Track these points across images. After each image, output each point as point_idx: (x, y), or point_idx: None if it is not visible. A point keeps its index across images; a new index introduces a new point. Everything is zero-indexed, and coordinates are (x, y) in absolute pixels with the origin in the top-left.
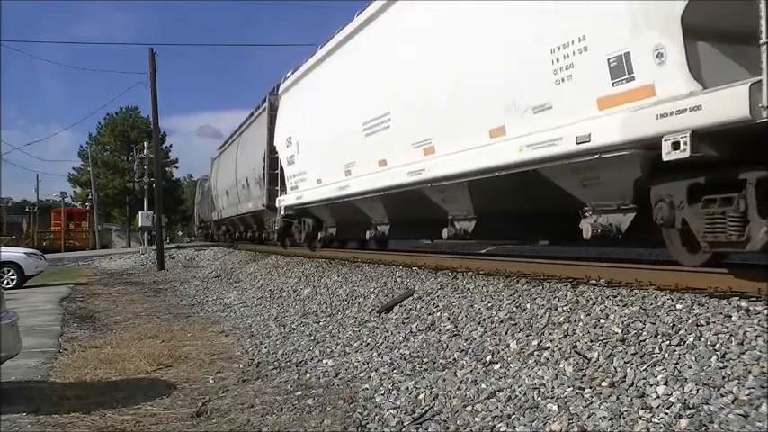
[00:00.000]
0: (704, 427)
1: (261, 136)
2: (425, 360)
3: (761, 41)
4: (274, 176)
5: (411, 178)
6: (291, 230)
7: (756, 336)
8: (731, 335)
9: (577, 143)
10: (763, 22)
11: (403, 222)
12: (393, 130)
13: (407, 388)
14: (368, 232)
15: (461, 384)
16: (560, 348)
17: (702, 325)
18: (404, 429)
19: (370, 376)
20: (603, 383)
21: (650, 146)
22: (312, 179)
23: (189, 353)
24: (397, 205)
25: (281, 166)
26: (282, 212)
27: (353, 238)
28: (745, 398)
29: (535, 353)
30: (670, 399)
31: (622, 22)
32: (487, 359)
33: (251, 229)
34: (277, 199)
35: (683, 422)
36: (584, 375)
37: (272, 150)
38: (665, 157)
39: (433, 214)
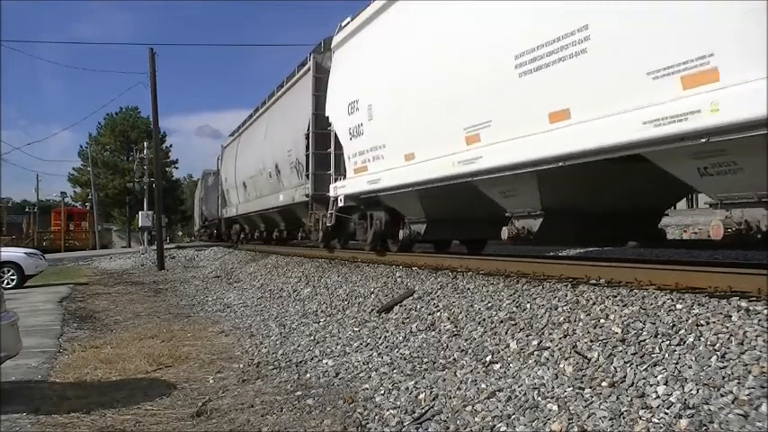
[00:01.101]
0: (704, 427)
1: (301, 107)
2: (425, 360)
3: None
4: (324, 158)
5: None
6: (349, 228)
7: (756, 336)
8: (731, 335)
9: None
10: None
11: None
12: (594, 55)
13: (407, 388)
14: (505, 229)
15: (461, 384)
16: (560, 348)
17: (702, 325)
18: (404, 429)
19: (370, 376)
20: (603, 383)
21: None
22: (395, 155)
23: (189, 353)
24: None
25: (337, 143)
26: (341, 203)
27: (461, 238)
28: (745, 398)
29: (535, 353)
30: (670, 399)
31: None
32: (487, 359)
33: (277, 228)
34: (331, 186)
35: (683, 422)
36: (584, 375)
37: (320, 124)
38: None
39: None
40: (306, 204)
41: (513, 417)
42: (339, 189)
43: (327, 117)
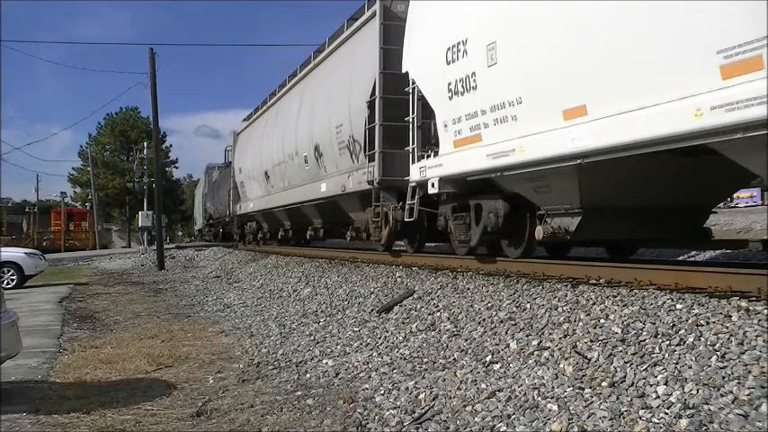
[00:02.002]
0: (704, 427)
1: (360, 68)
2: (425, 360)
3: None
4: (396, 131)
5: None
6: (434, 224)
7: (756, 336)
8: (731, 335)
9: None
10: None
11: None
12: None
13: (407, 388)
14: None
15: (461, 384)
16: (560, 348)
17: (702, 325)
18: (404, 429)
19: (370, 376)
20: (603, 383)
21: None
22: (544, 112)
23: (189, 353)
24: None
25: (421, 110)
26: (434, 189)
27: (639, 237)
28: (745, 398)
29: (535, 353)
30: (670, 399)
31: None
32: (487, 359)
33: (311, 227)
34: (413, 168)
35: (683, 422)
36: (584, 375)
37: (390, 86)
38: None
39: None
40: (362, 195)
41: (513, 417)
42: (430, 170)
43: (406, 73)
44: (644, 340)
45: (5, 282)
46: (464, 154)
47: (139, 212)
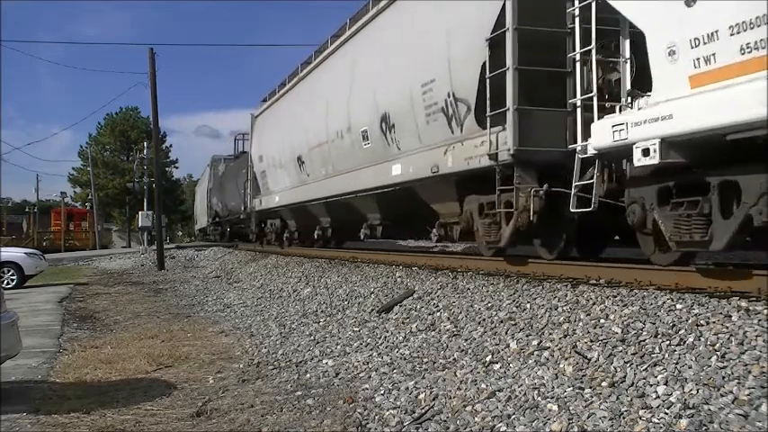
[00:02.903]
0: (704, 427)
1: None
2: (425, 360)
3: None
4: (535, 82)
5: None
6: (633, 217)
7: (756, 336)
8: (731, 335)
9: None
10: None
11: None
12: None
13: (407, 388)
14: None
15: (461, 384)
16: (560, 348)
17: (702, 325)
18: (404, 429)
19: (370, 376)
20: (603, 383)
21: None
22: None
23: (189, 353)
24: None
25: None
26: (652, 156)
27: None
28: (745, 398)
29: (535, 353)
30: (670, 399)
31: None
32: (487, 359)
33: (365, 223)
34: (600, 127)
35: (683, 422)
36: (584, 375)
37: (524, 14)
38: None
39: None
40: (462, 179)
41: (513, 417)
42: (638, 128)
43: None
44: (644, 340)
45: (5, 282)
46: (721, 95)
47: (139, 212)
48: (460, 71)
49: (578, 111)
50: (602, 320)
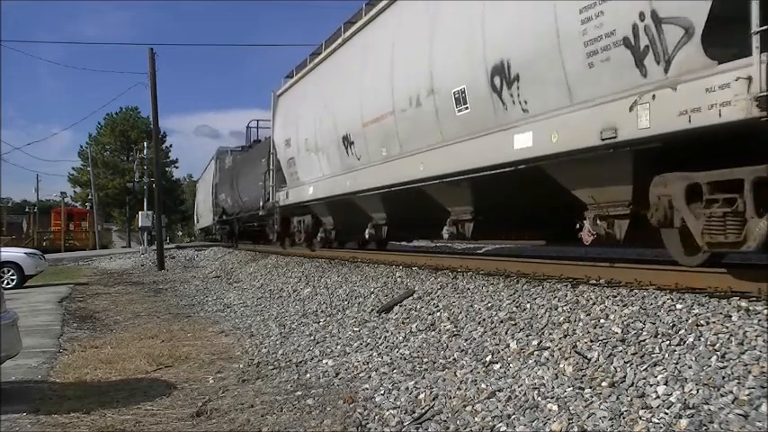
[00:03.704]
0: (704, 427)
1: None
2: (425, 360)
3: None
4: None
5: None
6: None
7: (756, 336)
8: (731, 335)
9: None
10: None
11: None
12: None
13: (407, 388)
14: None
15: (461, 384)
16: (560, 348)
17: (702, 325)
18: (404, 429)
19: (370, 376)
20: (603, 383)
21: None
22: None
23: (189, 353)
24: None
25: None
26: None
27: None
28: (745, 398)
29: (535, 353)
30: (670, 399)
31: None
32: (487, 359)
33: (449, 218)
34: None
35: (683, 422)
36: (584, 375)
37: None
38: None
39: None
40: (643, 153)
41: (513, 417)
42: None
43: None
44: (644, 340)
45: (5, 282)
46: None
47: (139, 212)
48: None
49: None
50: (602, 320)
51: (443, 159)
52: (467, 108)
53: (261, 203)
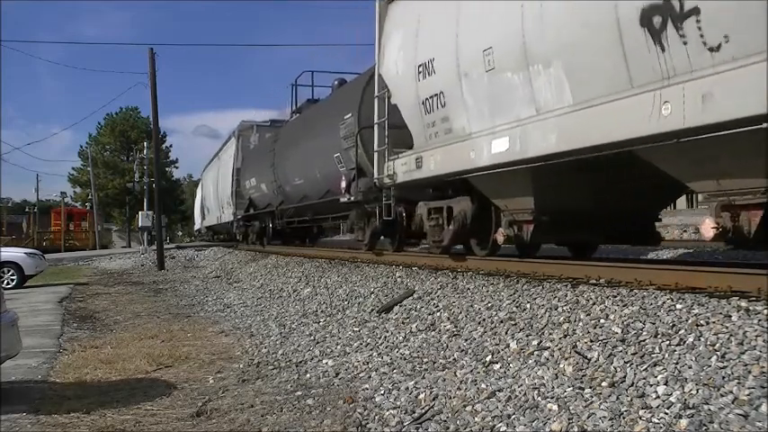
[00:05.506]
0: (704, 427)
1: None
2: (425, 360)
3: None
4: None
5: None
6: None
7: (756, 336)
8: (731, 335)
9: None
10: None
11: None
12: None
13: (407, 388)
14: None
15: (461, 384)
16: (560, 348)
17: (702, 325)
18: (404, 429)
19: (370, 376)
20: (603, 383)
21: None
22: None
23: (189, 353)
24: None
25: None
26: None
27: None
28: (745, 398)
29: (535, 353)
30: (670, 399)
31: None
32: (487, 359)
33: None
34: None
35: (683, 422)
36: (584, 375)
37: None
38: None
39: None
40: None
41: (513, 417)
42: None
43: None
44: (644, 340)
45: (5, 282)
46: None
47: (139, 212)
48: None
49: None
50: (602, 320)
51: None
52: None
53: (342, 184)
